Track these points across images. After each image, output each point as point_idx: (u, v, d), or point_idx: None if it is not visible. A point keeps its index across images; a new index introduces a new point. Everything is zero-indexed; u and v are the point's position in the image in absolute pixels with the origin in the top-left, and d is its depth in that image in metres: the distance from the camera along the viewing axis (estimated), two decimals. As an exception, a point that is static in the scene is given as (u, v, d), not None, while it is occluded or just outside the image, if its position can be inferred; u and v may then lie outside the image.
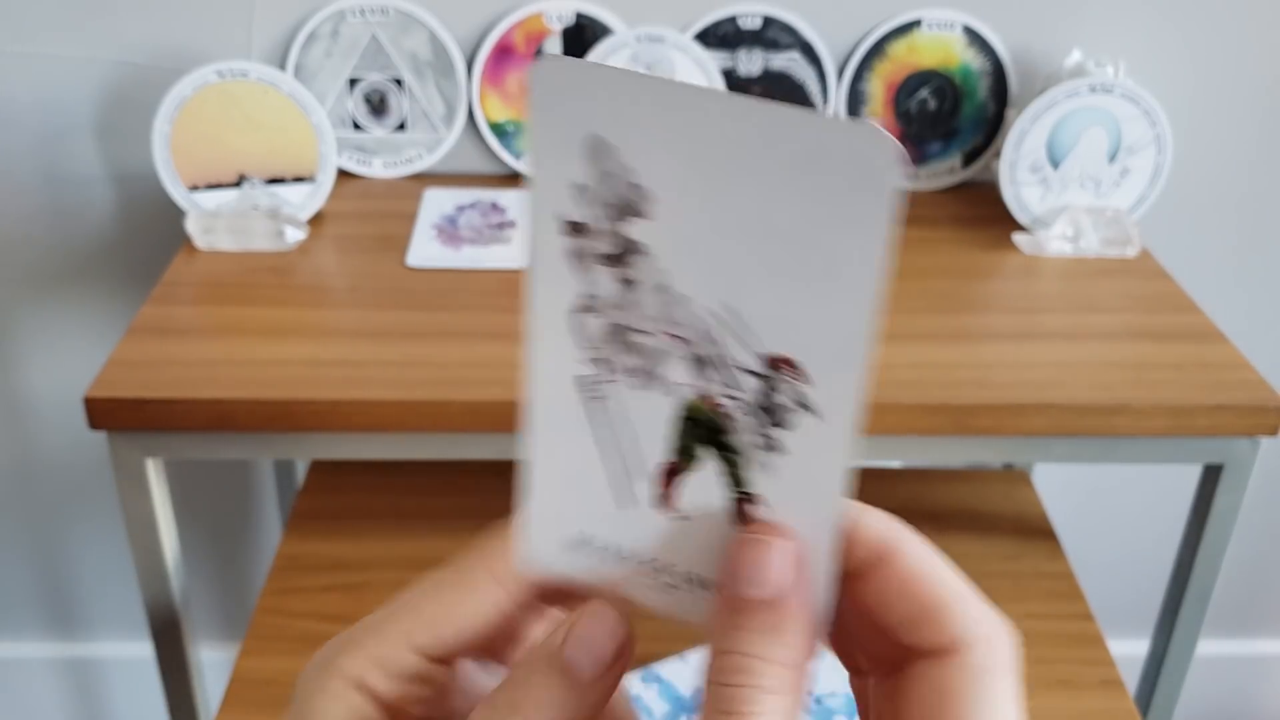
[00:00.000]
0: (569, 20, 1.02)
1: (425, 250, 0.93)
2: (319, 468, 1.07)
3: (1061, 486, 1.24)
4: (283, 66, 1.02)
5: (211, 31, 1.01)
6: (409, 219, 0.98)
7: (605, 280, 0.26)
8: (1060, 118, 0.97)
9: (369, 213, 1.00)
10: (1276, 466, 1.21)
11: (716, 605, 0.26)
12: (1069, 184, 0.98)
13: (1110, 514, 1.29)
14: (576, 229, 0.25)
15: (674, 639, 0.86)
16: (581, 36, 1.02)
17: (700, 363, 0.26)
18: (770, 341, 0.25)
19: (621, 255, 0.25)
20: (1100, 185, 0.99)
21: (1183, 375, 0.80)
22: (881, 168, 0.23)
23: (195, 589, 1.31)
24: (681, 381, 0.26)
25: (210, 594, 1.33)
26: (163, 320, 0.84)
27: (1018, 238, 0.97)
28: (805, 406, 0.25)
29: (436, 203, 1.01)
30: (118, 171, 1.06)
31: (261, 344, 0.81)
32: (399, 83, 1.03)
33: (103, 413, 0.75)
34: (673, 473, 0.27)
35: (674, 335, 0.26)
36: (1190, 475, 0.87)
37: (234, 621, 1.35)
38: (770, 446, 0.26)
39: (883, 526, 0.26)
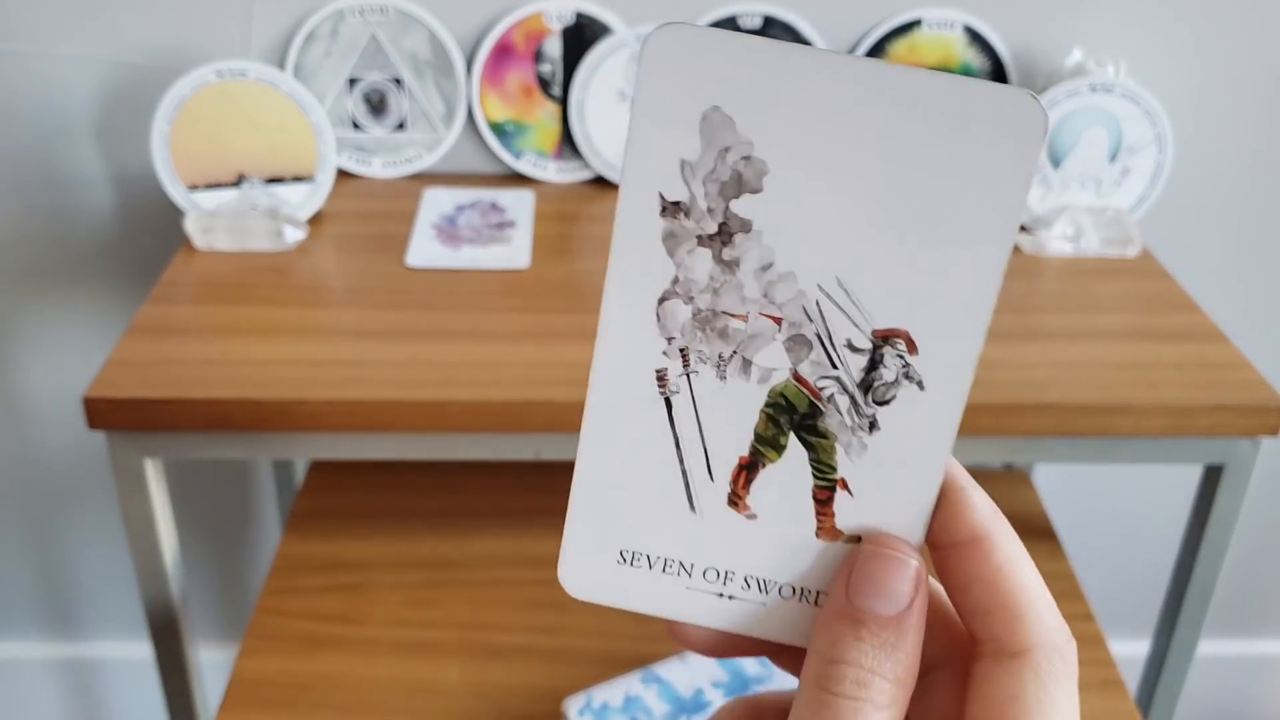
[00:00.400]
0: (569, 20, 1.01)
1: (425, 250, 0.93)
2: (318, 468, 1.07)
3: (1061, 486, 1.24)
4: (282, 66, 1.02)
5: (210, 31, 1.01)
6: (408, 219, 0.98)
7: (701, 263, 0.25)
8: (1061, 117, 0.97)
9: (368, 212, 1.00)
10: (1277, 466, 1.21)
11: (831, 613, 0.26)
12: (1069, 184, 0.98)
13: (1110, 514, 1.29)
14: (676, 208, 0.25)
15: (673, 639, 0.86)
16: (581, 36, 1.02)
17: (798, 343, 0.25)
18: (882, 315, 0.25)
19: (724, 234, 0.25)
20: (1101, 185, 0.99)
21: (1183, 375, 0.80)
22: (1031, 131, 0.23)
23: (194, 589, 1.31)
24: (775, 365, 0.25)
25: (209, 594, 1.33)
26: (162, 320, 0.84)
27: (1018, 237, 0.97)
28: (912, 379, 0.25)
29: (436, 202, 1.01)
30: (117, 171, 1.06)
31: (261, 344, 0.81)
32: (398, 82, 1.03)
33: (101, 412, 0.75)
34: (749, 468, 0.26)
35: (773, 316, 0.25)
36: (1191, 475, 0.87)
37: (233, 622, 1.35)
38: (869, 426, 0.25)
39: (988, 509, 0.26)
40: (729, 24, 1.02)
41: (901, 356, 0.25)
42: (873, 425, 0.25)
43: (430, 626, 0.89)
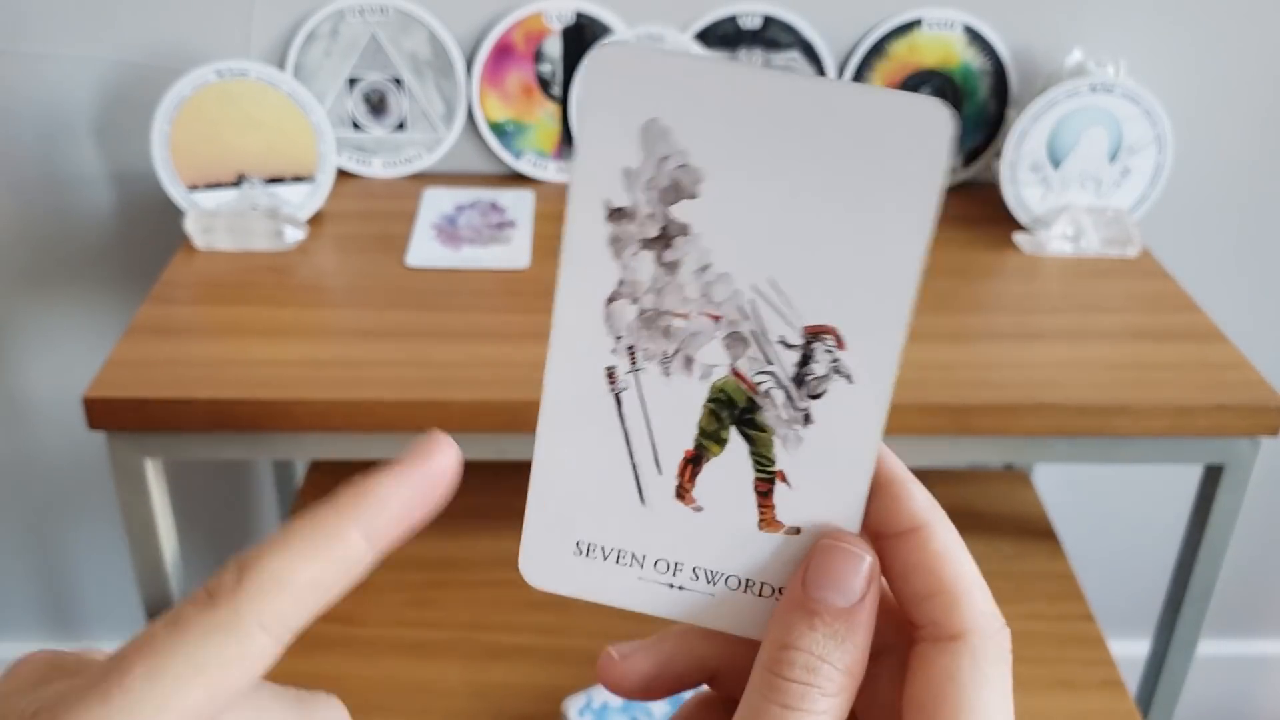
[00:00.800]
0: (569, 20, 1.01)
1: (424, 250, 0.93)
2: (318, 468, 1.07)
3: (1061, 486, 1.24)
4: (282, 66, 1.02)
5: (211, 31, 1.00)
6: (408, 219, 0.98)
7: (644, 265, 0.26)
8: (1061, 117, 0.97)
9: (368, 212, 1.00)
10: (1277, 466, 1.21)
11: (787, 602, 0.27)
12: (1069, 184, 0.98)
13: (1110, 514, 1.29)
14: (620, 214, 0.26)
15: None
16: (581, 36, 1.02)
17: (735, 340, 0.27)
18: (811, 312, 0.26)
19: (665, 237, 0.26)
20: (1101, 185, 0.99)
21: (1183, 375, 0.80)
22: (937, 134, 0.25)
23: (194, 589, 1.31)
24: (715, 362, 0.27)
25: (210, 594, 1.33)
26: (162, 320, 0.84)
27: (1018, 237, 0.97)
28: (841, 373, 0.26)
29: (436, 202, 1.01)
30: (117, 171, 1.06)
31: (260, 344, 0.81)
32: (398, 82, 1.03)
33: (101, 413, 0.75)
34: (694, 461, 0.27)
35: (712, 315, 0.26)
36: (1191, 475, 0.87)
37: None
38: (803, 419, 0.27)
39: (926, 501, 0.27)
40: (729, 24, 1.02)
41: (831, 352, 0.26)
42: (807, 418, 0.27)
43: (431, 627, 0.89)
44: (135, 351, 0.80)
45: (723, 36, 1.02)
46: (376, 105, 1.04)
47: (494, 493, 1.04)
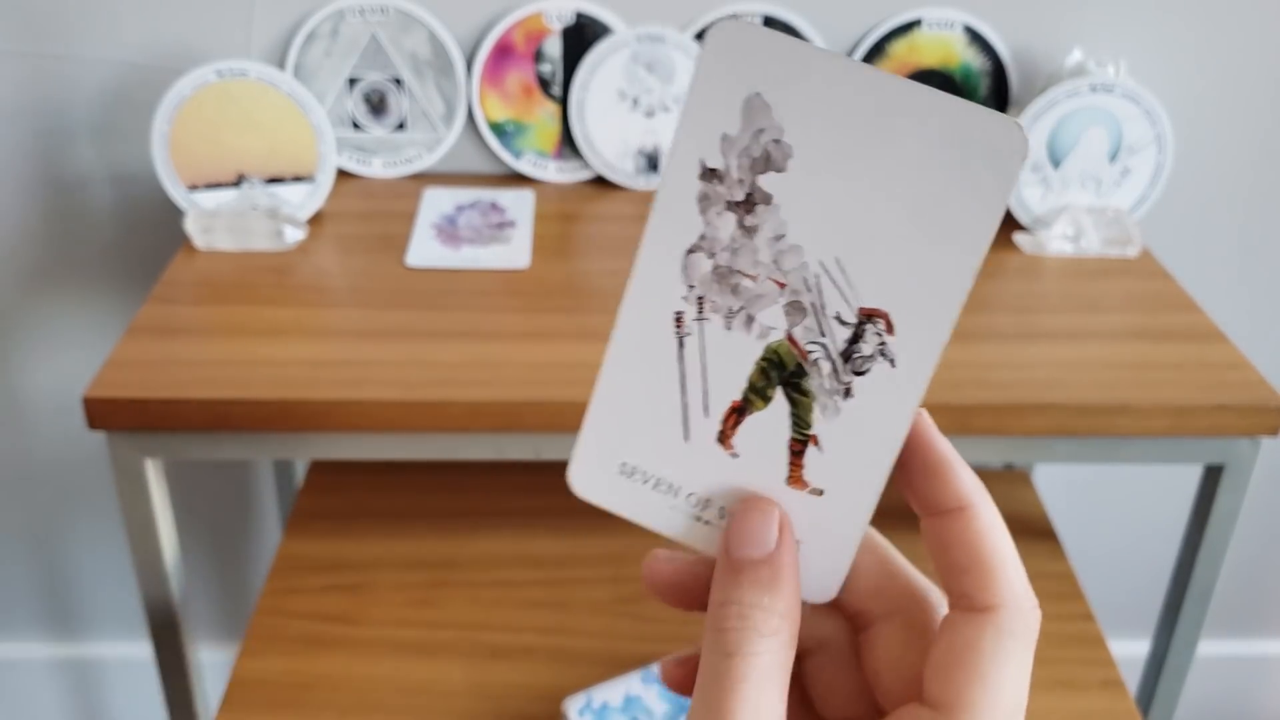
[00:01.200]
0: (569, 20, 1.01)
1: (425, 250, 0.93)
2: (318, 468, 1.07)
3: (1061, 486, 1.24)
4: (282, 66, 1.02)
5: (211, 31, 1.01)
6: (408, 219, 0.98)
7: (726, 225, 0.28)
8: (1061, 117, 0.97)
9: (368, 212, 1.00)
10: (1277, 466, 1.21)
11: (718, 568, 0.29)
12: (1069, 184, 0.98)
13: (1111, 514, 1.29)
14: (713, 175, 0.28)
15: (673, 640, 0.86)
16: (581, 36, 1.02)
17: (795, 309, 0.29)
18: (869, 295, 0.28)
19: (749, 203, 0.28)
20: (1101, 185, 0.99)
21: (1183, 375, 0.80)
22: (1012, 154, 0.27)
23: (194, 589, 1.31)
24: (773, 325, 0.29)
25: (209, 594, 1.33)
26: (162, 320, 0.84)
27: (1018, 238, 0.97)
28: (886, 356, 0.28)
29: (436, 202, 1.01)
30: (117, 171, 1.06)
31: (261, 344, 0.81)
32: (398, 82, 1.03)
33: (102, 413, 0.75)
34: (739, 412, 0.30)
35: (778, 281, 0.29)
36: (1191, 475, 0.87)
37: (233, 622, 1.35)
38: (844, 392, 0.29)
39: (971, 482, 0.30)
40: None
41: (880, 335, 0.28)
42: (847, 392, 0.29)
43: (431, 627, 0.89)
44: (135, 351, 0.80)
45: (723, 36, 1.02)
46: (376, 105, 1.04)
47: (494, 493, 1.04)
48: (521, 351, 0.80)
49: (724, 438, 0.30)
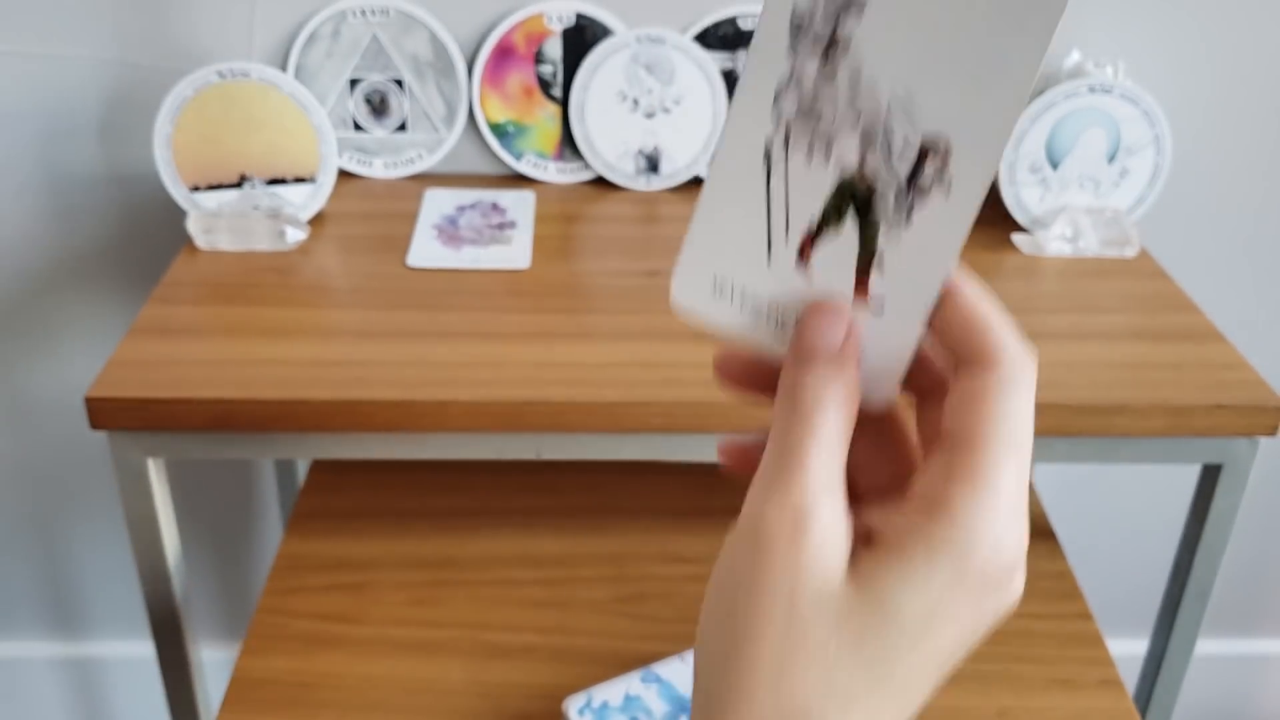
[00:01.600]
0: (569, 21, 1.02)
1: (426, 250, 0.94)
2: (319, 467, 1.08)
3: (1060, 486, 1.25)
4: (284, 67, 1.02)
5: (212, 32, 1.01)
6: (409, 219, 0.98)
7: (812, 63, 0.31)
8: (1059, 118, 0.97)
9: (370, 213, 1.00)
10: (1275, 466, 1.21)
11: (791, 356, 0.33)
12: (1068, 184, 0.99)
13: (1109, 514, 1.29)
14: (801, 21, 0.31)
15: (673, 639, 0.86)
16: (582, 37, 1.02)
17: (867, 139, 0.31)
18: (931, 122, 0.31)
19: (832, 42, 0.31)
20: (1099, 186, 0.99)
21: (1182, 375, 0.80)
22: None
23: (196, 588, 1.31)
24: (848, 154, 0.32)
25: (211, 593, 1.34)
26: (164, 320, 0.84)
27: (1017, 238, 0.97)
28: (942, 183, 0.31)
29: (437, 203, 1.01)
30: (119, 172, 1.06)
31: (262, 344, 0.81)
32: (399, 83, 1.03)
33: (104, 413, 0.76)
34: (815, 236, 0.33)
35: (854, 114, 0.31)
36: (1189, 475, 0.87)
37: (235, 621, 1.35)
38: (906, 217, 0.32)
39: (959, 271, 0.33)
40: (729, 24, 1.02)
41: (939, 165, 0.31)
42: (909, 215, 0.32)
43: (432, 626, 0.89)
44: (137, 351, 0.80)
45: (723, 38, 1.02)
46: (378, 106, 1.04)
47: (495, 492, 1.04)
48: (522, 351, 0.80)
49: (804, 257, 0.33)
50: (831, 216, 0.33)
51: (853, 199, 0.32)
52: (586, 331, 0.83)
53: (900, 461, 0.35)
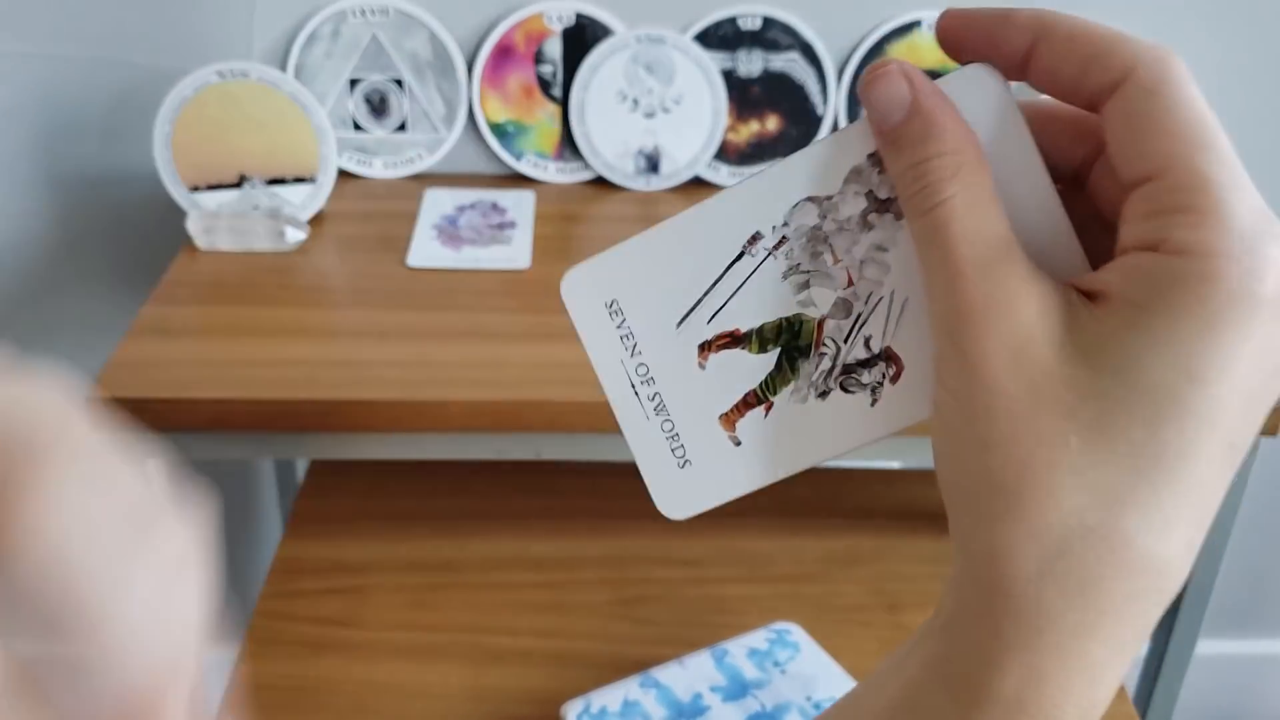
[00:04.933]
0: (569, 21, 1.02)
1: (425, 250, 0.93)
2: (318, 468, 1.07)
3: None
4: (283, 67, 1.02)
5: (212, 32, 1.01)
6: (409, 219, 0.98)
7: (853, 206, 0.30)
8: (1060, 119, 0.97)
9: (369, 213, 1.00)
10: (1275, 466, 1.21)
11: (880, 150, 0.29)
12: (1069, 185, 0.99)
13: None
14: (880, 163, 0.29)
15: (672, 643, 0.86)
16: (582, 37, 1.02)
17: (843, 307, 0.30)
18: (908, 340, 0.30)
19: (883, 206, 0.30)
20: (1100, 186, 0.99)
21: (1182, 376, 0.80)
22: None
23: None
24: (818, 304, 0.31)
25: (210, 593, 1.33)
26: (163, 320, 0.84)
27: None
28: (875, 394, 0.30)
29: (437, 203, 1.01)
30: (119, 172, 1.06)
31: (262, 344, 0.81)
32: (399, 83, 1.03)
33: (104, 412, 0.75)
34: (734, 340, 0.31)
35: (850, 277, 0.30)
36: (1190, 476, 0.87)
37: (235, 621, 1.35)
38: (821, 394, 0.31)
39: (1028, 15, 0.28)
40: (729, 25, 1.02)
41: (884, 376, 0.30)
42: (824, 394, 0.31)
43: (430, 630, 0.89)
44: (137, 351, 0.80)
45: (723, 38, 1.02)
46: (377, 106, 1.04)
47: (494, 494, 1.04)
48: (521, 351, 0.80)
49: (706, 349, 0.31)
50: (763, 339, 0.31)
51: (792, 341, 0.31)
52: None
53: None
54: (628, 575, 0.94)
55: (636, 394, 0.32)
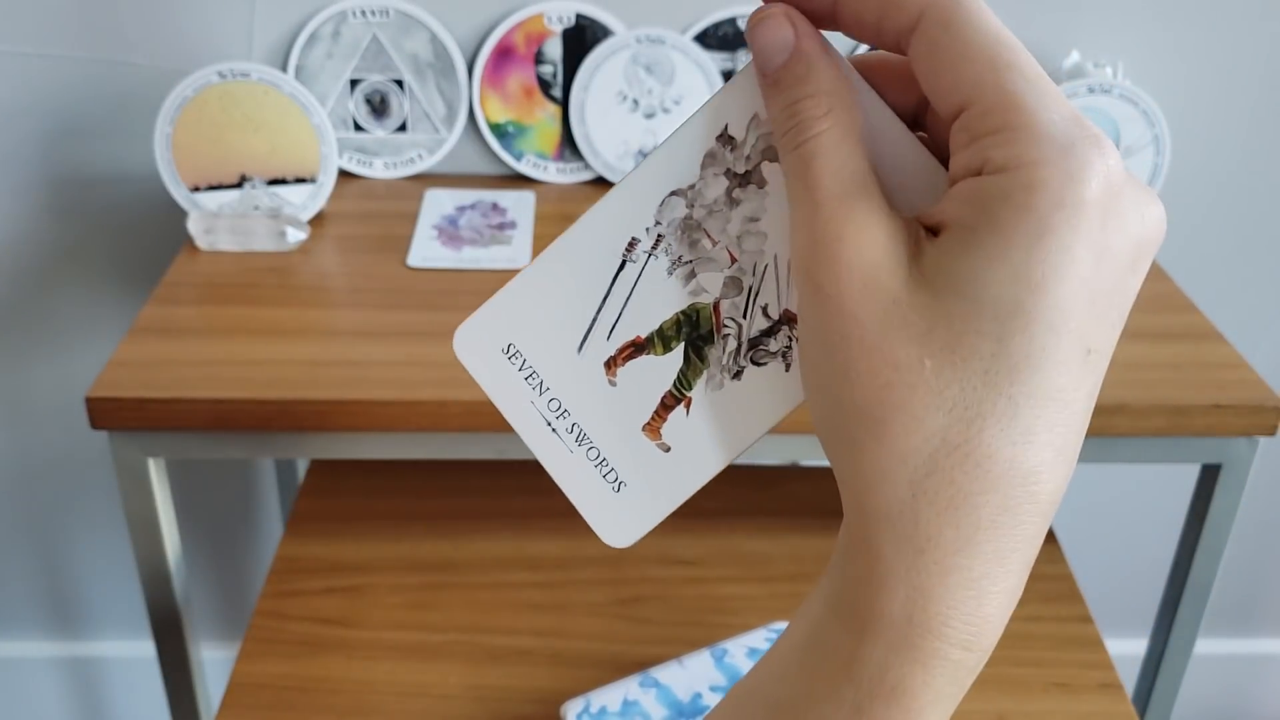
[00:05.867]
0: (569, 21, 1.02)
1: (426, 250, 0.94)
2: (319, 468, 1.08)
3: (1061, 487, 1.24)
4: (284, 67, 1.02)
5: (213, 32, 1.01)
6: (410, 219, 0.98)
7: (716, 188, 0.30)
8: (1059, 119, 0.97)
9: (370, 213, 1.00)
10: (1274, 466, 1.21)
11: (762, 90, 0.29)
12: (1068, 185, 0.99)
13: (1108, 513, 1.29)
14: (729, 141, 0.30)
15: (671, 643, 0.86)
16: (582, 38, 1.02)
17: (734, 284, 0.30)
18: (795, 300, 0.29)
19: (745, 180, 0.30)
20: (1099, 186, 0.99)
21: (1181, 375, 0.80)
22: None
23: (196, 588, 1.31)
24: (709, 289, 0.30)
25: (212, 593, 1.34)
26: (164, 320, 0.84)
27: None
28: (785, 360, 0.30)
29: (437, 203, 1.01)
30: (119, 172, 1.07)
31: (262, 344, 0.81)
32: (400, 84, 1.03)
33: (104, 412, 0.76)
34: (637, 348, 0.31)
35: (732, 254, 0.30)
36: (1188, 475, 0.87)
37: (235, 620, 1.35)
38: (736, 374, 0.30)
39: None
40: (729, 25, 1.02)
41: (790, 338, 0.30)
42: (738, 374, 0.30)
43: (429, 630, 0.89)
44: (138, 351, 0.80)
45: (722, 38, 1.02)
46: (378, 106, 1.04)
47: (494, 494, 1.04)
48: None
49: (611, 365, 0.31)
50: (665, 338, 0.31)
51: (694, 331, 0.30)
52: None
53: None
54: (627, 575, 0.94)
55: (554, 430, 0.32)
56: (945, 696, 0.27)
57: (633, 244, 0.30)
